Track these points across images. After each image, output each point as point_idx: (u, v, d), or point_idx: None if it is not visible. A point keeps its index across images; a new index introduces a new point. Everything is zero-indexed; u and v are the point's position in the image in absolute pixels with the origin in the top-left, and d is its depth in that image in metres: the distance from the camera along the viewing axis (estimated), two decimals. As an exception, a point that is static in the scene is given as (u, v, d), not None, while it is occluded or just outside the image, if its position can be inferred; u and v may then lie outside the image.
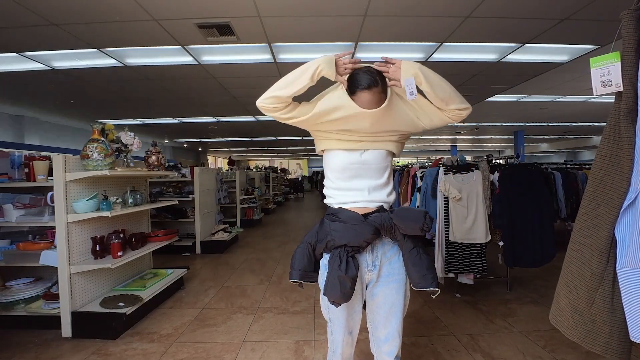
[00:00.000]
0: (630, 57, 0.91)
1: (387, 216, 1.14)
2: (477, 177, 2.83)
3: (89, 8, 2.83)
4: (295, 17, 3.09)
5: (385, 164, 1.21)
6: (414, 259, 1.14)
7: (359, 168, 1.19)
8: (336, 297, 1.08)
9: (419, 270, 1.13)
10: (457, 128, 10.62)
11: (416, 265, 1.13)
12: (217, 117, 8.02)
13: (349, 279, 1.07)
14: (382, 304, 1.19)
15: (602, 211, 0.96)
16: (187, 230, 4.86)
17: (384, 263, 1.19)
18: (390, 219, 1.13)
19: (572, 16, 3.09)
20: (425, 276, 1.12)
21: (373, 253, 1.18)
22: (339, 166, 1.20)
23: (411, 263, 1.14)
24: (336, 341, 1.24)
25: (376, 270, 1.18)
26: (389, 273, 1.19)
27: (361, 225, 1.11)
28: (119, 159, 2.65)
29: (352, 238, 1.11)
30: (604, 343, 0.94)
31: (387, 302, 1.18)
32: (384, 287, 1.19)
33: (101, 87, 5.16)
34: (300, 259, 1.20)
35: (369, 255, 1.18)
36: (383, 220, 1.13)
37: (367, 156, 1.19)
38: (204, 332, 2.36)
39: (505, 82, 5.24)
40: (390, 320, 1.18)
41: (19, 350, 2.10)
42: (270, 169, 12.66)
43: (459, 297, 2.90)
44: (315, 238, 1.19)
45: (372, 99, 1.09)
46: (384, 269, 1.19)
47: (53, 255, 2.26)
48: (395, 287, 1.18)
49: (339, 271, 1.07)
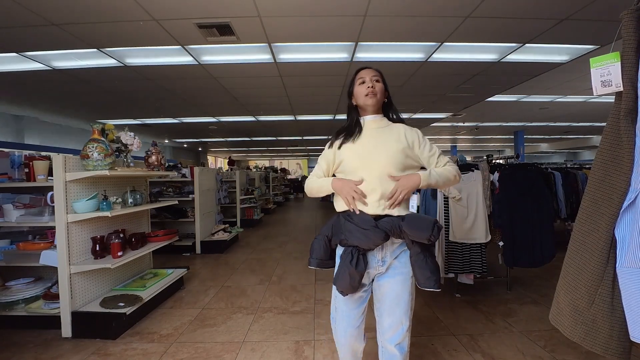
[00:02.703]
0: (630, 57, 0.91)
1: (397, 222, 1.21)
2: (477, 177, 2.83)
3: (89, 8, 2.83)
4: (295, 17, 3.09)
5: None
6: (420, 262, 1.22)
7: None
8: (344, 287, 1.23)
9: (424, 273, 1.21)
10: (457, 128, 10.62)
11: (422, 268, 1.21)
12: (217, 117, 8.02)
13: (358, 273, 1.21)
14: (388, 294, 1.27)
15: (602, 211, 0.96)
16: (187, 230, 4.86)
17: (392, 259, 1.28)
18: (400, 226, 1.20)
19: (572, 16, 3.09)
20: (429, 278, 1.20)
21: (383, 250, 1.27)
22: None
23: (417, 265, 1.22)
24: (339, 331, 1.33)
25: (385, 265, 1.28)
26: (396, 267, 1.28)
27: (372, 231, 1.20)
28: (119, 159, 2.65)
29: (363, 241, 1.21)
30: (604, 343, 0.94)
31: (393, 292, 1.27)
32: (390, 278, 1.28)
33: (101, 87, 5.16)
34: (317, 249, 1.34)
35: (379, 252, 1.27)
36: (393, 226, 1.21)
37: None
38: (204, 332, 2.36)
39: (505, 82, 5.24)
40: (395, 310, 1.26)
41: (19, 350, 2.10)
42: (270, 169, 12.66)
43: (459, 297, 2.90)
44: (331, 231, 1.32)
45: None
46: (392, 264, 1.28)
47: (53, 255, 2.25)
48: (401, 280, 1.27)
49: (350, 266, 1.20)
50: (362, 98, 1.33)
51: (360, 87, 1.34)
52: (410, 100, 6.40)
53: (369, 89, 1.31)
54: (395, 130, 1.34)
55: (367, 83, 1.32)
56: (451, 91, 5.77)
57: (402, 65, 4.41)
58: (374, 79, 1.34)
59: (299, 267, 3.96)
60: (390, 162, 1.26)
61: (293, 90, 5.66)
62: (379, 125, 1.36)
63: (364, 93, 1.32)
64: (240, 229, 5.82)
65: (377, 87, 1.33)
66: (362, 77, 1.35)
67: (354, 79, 1.38)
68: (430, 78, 4.98)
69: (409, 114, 7.81)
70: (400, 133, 1.33)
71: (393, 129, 1.35)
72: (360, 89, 1.34)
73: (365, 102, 1.33)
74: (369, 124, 1.36)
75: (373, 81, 1.33)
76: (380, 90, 1.33)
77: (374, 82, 1.33)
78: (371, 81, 1.32)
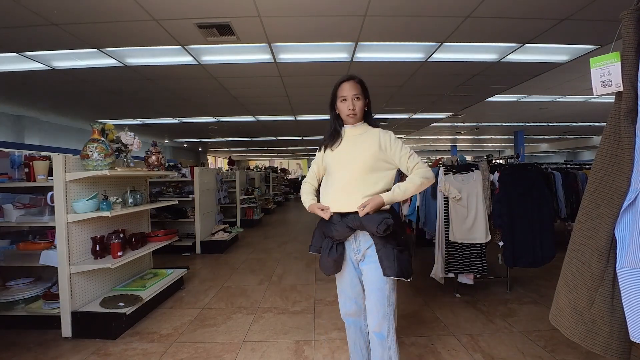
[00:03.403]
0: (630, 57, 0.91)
1: (358, 217, 1.38)
2: (477, 177, 2.83)
3: (89, 8, 2.83)
4: (295, 17, 3.09)
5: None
6: (383, 252, 1.38)
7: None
8: (324, 270, 1.50)
9: (385, 262, 1.37)
10: (457, 128, 10.62)
11: (385, 257, 1.37)
12: (217, 117, 8.02)
13: (331, 260, 1.45)
14: (366, 280, 1.46)
15: (602, 211, 0.96)
16: (187, 230, 4.86)
17: (365, 248, 1.45)
18: (360, 220, 1.38)
19: (572, 16, 3.09)
20: (390, 267, 1.36)
21: (356, 241, 1.46)
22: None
23: (381, 255, 1.38)
24: (340, 301, 1.57)
25: (360, 253, 1.46)
26: (370, 255, 1.44)
27: (339, 225, 1.42)
28: (119, 159, 2.65)
29: (334, 233, 1.44)
30: (604, 343, 0.94)
31: (369, 279, 1.44)
32: (366, 265, 1.45)
33: (101, 87, 5.16)
34: (316, 238, 1.56)
35: (354, 242, 1.47)
36: (355, 221, 1.40)
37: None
38: (204, 332, 2.36)
39: (505, 82, 5.24)
40: (371, 295, 1.43)
41: (19, 350, 2.10)
42: (270, 169, 12.66)
43: (459, 297, 2.90)
44: (323, 224, 1.52)
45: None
46: (366, 252, 1.45)
47: (53, 255, 2.25)
48: (373, 267, 1.41)
49: (326, 254, 1.46)
50: (344, 116, 1.51)
51: (342, 105, 1.49)
52: (410, 100, 6.40)
53: (350, 110, 1.47)
54: (370, 136, 1.49)
55: (348, 104, 1.46)
56: (451, 91, 5.77)
57: (402, 65, 4.41)
58: (355, 98, 1.47)
59: (299, 267, 3.96)
60: (362, 167, 1.44)
61: (293, 90, 5.66)
62: (357, 133, 1.52)
63: (345, 113, 1.48)
64: (240, 229, 5.82)
65: (358, 106, 1.47)
66: (343, 95, 1.48)
67: (337, 93, 1.51)
68: (430, 78, 4.98)
69: (409, 114, 7.81)
70: (374, 138, 1.48)
71: (369, 135, 1.50)
72: (342, 107, 1.49)
73: (346, 120, 1.52)
74: (349, 132, 1.53)
75: (354, 101, 1.46)
76: (360, 109, 1.49)
77: (354, 101, 1.47)
78: (352, 102, 1.46)
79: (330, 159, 1.52)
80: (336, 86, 1.51)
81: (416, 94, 5.93)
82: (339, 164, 1.48)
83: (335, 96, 1.51)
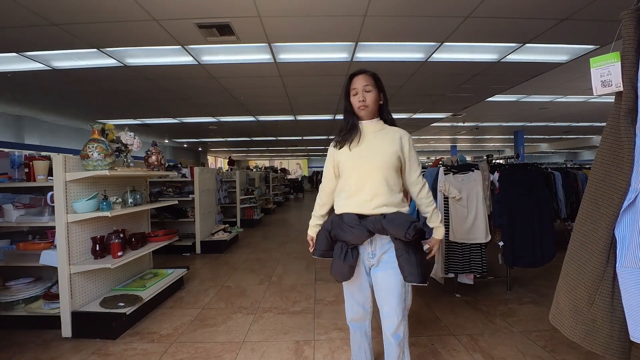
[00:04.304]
0: (630, 57, 0.91)
1: (379, 220, 1.32)
2: (477, 177, 2.83)
3: (89, 8, 2.83)
4: (295, 17, 3.09)
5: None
6: (404, 257, 1.31)
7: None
8: (337, 276, 1.41)
9: (407, 267, 1.31)
10: (457, 128, 10.62)
11: (406, 262, 1.31)
12: (217, 117, 8.02)
13: (347, 265, 1.37)
14: (383, 286, 1.39)
15: (602, 211, 0.96)
16: (187, 230, 4.85)
17: (381, 253, 1.39)
18: (382, 223, 1.31)
19: (572, 16, 3.09)
20: (412, 273, 1.30)
21: (372, 245, 1.40)
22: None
23: (402, 260, 1.32)
24: (347, 306, 1.53)
25: (375, 258, 1.40)
26: (387, 261, 1.38)
27: (357, 228, 1.33)
28: (119, 159, 2.65)
29: (350, 237, 1.35)
30: (604, 343, 0.94)
31: (386, 285, 1.38)
32: (383, 272, 1.39)
33: (101, 87, 5.16)
34: (320, 241, 1.46)
35: (369, 246, 1.40)
36: (375, 224, 1.33)
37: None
38: (204, 332, 2.36)
39: (505, 82, 5.24)
40: (389, 300, 1.37)
41: (19, 350, 2.10)
42: (270, 169, 12.66)
43: (459, 297, 2.89)
44: (330, 226, 1.43)
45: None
46: (382, 257, 1.39)
47: (53, 255, 2.25)
48: (392, 273, 1.36)
49: (340, 259, 1.37)
50: (356, 109, 1.43)
51: (354, 98, 1.43)
52: (410, 100, 6.40)
53: (360, 102, 1.39)
54: (391, 134, 1.43)
55: (359, 96, 1.40)
56: (451, 91, 5.77)
57: (402, 65, 4.41)
58: (366, 90, 1.40)
59: (299, 267, 3.96)
60: (384, 165, 1.37)
61: (293, 90, 5.66)
62: (375, 129, 1.45)
63: (356, 105, 1.42)
64: (240, 229, 5.82)
65: (369, 98, 1.40)
66: (354, 87, 1.42)
67: (349, 87, 1.44)
68: (430, 78, 4.98)
69: (409, 114, 7.81)
70: (395, 137, 1.42)
71: (388, 133, 1.44)
72: (353, 101, 1.43)
73: (358, 113, 1.43)
74: (366, 128, 1.45)
75: (364, 93, 1.40)
76: (372, 100, 1.40)
77: (365, 93, 1.40)
78: (362, 93, 1.40)
79: (347, 156, 1.41)
80: (348, 82, 1.45)
81: (416, 94, 5.93)
82: (358, 161, 1.39)
83: (348, 93, 1.45)
